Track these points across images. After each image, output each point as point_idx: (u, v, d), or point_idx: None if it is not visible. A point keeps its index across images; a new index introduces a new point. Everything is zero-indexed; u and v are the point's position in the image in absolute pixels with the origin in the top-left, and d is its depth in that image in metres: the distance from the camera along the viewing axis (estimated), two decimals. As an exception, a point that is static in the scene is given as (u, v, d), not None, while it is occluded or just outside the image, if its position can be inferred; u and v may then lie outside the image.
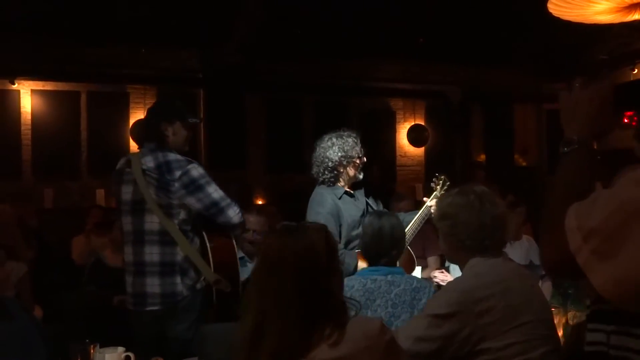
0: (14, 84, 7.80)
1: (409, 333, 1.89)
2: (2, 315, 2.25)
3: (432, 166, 9.71)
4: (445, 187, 3.52)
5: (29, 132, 7.94)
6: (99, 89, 8.27)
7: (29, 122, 7.95)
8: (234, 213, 2.91)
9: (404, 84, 9.48)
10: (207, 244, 2.94)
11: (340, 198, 3.35)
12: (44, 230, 6.47)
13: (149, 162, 2.93)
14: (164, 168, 2.90)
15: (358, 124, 9.50)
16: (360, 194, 3.48)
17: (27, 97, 7.95)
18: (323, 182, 3.39)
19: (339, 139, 3.41)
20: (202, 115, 8.69)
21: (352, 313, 1.63)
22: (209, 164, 8.53)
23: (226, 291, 2.90)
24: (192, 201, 2.88)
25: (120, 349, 2.23)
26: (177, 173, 2.88)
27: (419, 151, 9.81)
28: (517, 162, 10.27)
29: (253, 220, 3.74)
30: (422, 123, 9.82)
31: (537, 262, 4.55)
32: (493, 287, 1.93)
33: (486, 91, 9.56)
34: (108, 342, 2.29)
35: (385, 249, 2.72)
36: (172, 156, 2.94)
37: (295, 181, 8.92)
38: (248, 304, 1.58)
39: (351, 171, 3.38)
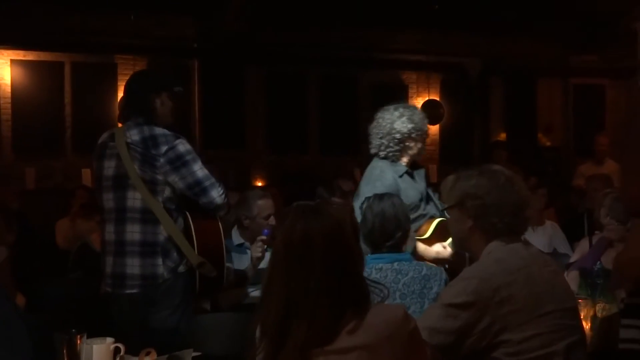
0: (-8, 53, 7.80)
1: (423, 324, 1.89)
2: None
3: (448, 146, 9.69)
4: None
5: (9, 106, 7.94)
6: (84, 59, 8.25)
7: (9, 95, 7.94)
8: (217, 194, 2.93)
9: (418, 55, 9.42)
10: (192, 225, 2.96)
11: (400, 177, 3.33)
12: (25, 213, 6.48)
13: (134, 135, 2.95)
14: (150, 142, 2.92)
15: (367, 99, 9.48)
16: (420, 177, 3.44)
17: (7, 67, 7.94)
18: (386, 157, 3.35)
19: (406, 109, 3.38)
20: (197, 89, 8.67)
21: (379, 299, 1.64)
22: (204, 142, 8.54)
23: (210, 276, 2.92)
24: (175, 179, 2.91)
25: (109, 339, 2.24)
26: (164, 148, 2.91)
27: (433, 129, 9.76)
28: (540, 142, 10.24)
29: (267, 204, 3.72)
30: (437, 98, 9.78)
31: (561, 250, 4.55)
32: (514, 273, 1.92)
33: (508, 64, 9.49)
34: (96, 332, 2.29)
35: (388, 233, 2.70)
36: (159, 130, 2.97)
37: (299, 162, 8.94)
38: (270, 291, 1.59)
39: (417, 146, 3.36)
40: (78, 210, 5.93)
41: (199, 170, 2.92)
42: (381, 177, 3.29)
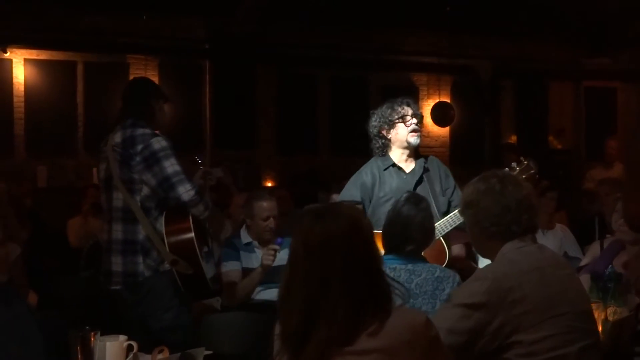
0: (5, 52, 7.84)
1: (436, 324, 1.90)
2: (5, 299, 2.30)
3: (458, 148, 9.67)
4: (525, 174, 3.24)
5: (22, 105, 7.99)
6: (96, 59, 8.28)
7: (22, 94, 7.99)
8: (183, 190, 2.98)
9: (429, 57, 9.40)
10: (163, 224, 3.03)
11: (386, 169, 3.44)
12: (37, 211, 6.54)
13: (117, 137, 3.09)
14: (129, 142, 3.04)
15: (378, 100, 9.44)
16: (417, 167, 3.47)
17: (20, 66, 7.99)
18: (378, 154, 3.52)
19: (379, 107, 3.54)
20: (208, 90, 8.71)
21: (399, 301, 1.64)
22: (214, 143, 8.56)
23: (188, 273, 2.97)
24: (148, 176, 3.00)
25: (122, 337, 2.26)
26: (139, 147, 3.01)
27: (444, 131, 9.76)
28: (551, 145, 10.19)
29: (267, 205, 3.75)
30: (448, 100, 9.76)
31: (572, 253, 4.53)
32: (527, 274, 1.93)
33: (519, 66, 9.46)
34: (106, 330, 2.32)
35: (403, 239, 2.70)
36: (140, 130, 3.07)
37: (309, 163, 8.94)
38: (289, 293, 1.59)
39: (398, 134, 3.44)
40: (89, 208, 6.00)
41: (170, 166, 2.99)
42: (358, 172, 3.51)
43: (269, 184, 8.73)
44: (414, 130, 3.43)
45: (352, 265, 1.56)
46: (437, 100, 9.72)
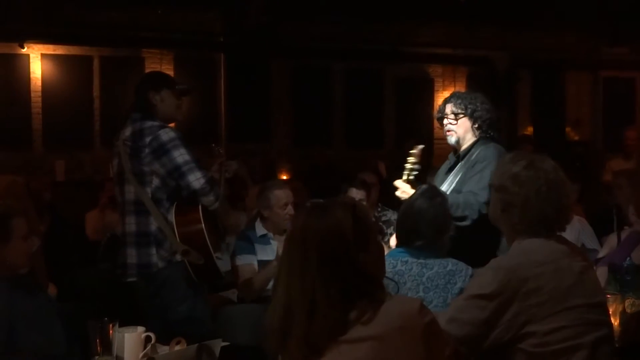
0: (23, 47, 7.92)
1: (450, 315, 1.91)
2: (27, 290, 2.34)
3: (474, 140, 9.63)
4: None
5: (39, 99, 8.08)
6: (112, 53, 8.35)
7: (39, 88, 8.08)
8: (194, 178, 2.99)
9: (444, 48, 9.36)
10: (173, 215, 3.06)
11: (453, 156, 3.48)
12: (55, 204, 6.60)
13: (127, 131, 3.12)
14: (137, 135, 3.07)
15: (393, 92, 9.46)
16: (448, 163, 3.44)
17: (37, 61, 8.07)
18: None
19: None
20: (222, 83, 8.74)
21: (391, 292, 1.64)
22: (229, 136, 8.60)
23: (199, 264, 2.99)
24: (157, 167, 3.04)
25: (140, 328, 2.29)
26: (148, 138, 3.03)
27: (459, 123, 9.72)
28: (568, 136, 10.12)
29: (283, 193, 3.75)
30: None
31: (589, 245, 4.50)
32: (542, 266, 1.92)
33: (536, 56, 9.39)
34: (123, 322, 2.34)
35: (413, 234, 2.68)
36: (149, 123, 3.09)
37: (325, 155, 8.95)
38: (276, 285, 1.64)
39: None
40: (106, 202, 6.04)
41: (179, 156, 3.01)
42: None
43: (284, 177, 8.75)
44: (447, 130, 3.39)
45: (331, 261, 1.56)
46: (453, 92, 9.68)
